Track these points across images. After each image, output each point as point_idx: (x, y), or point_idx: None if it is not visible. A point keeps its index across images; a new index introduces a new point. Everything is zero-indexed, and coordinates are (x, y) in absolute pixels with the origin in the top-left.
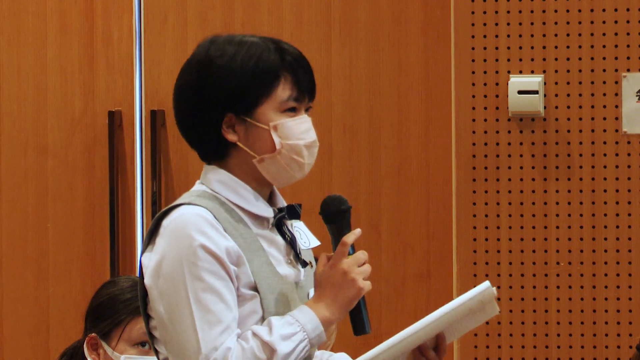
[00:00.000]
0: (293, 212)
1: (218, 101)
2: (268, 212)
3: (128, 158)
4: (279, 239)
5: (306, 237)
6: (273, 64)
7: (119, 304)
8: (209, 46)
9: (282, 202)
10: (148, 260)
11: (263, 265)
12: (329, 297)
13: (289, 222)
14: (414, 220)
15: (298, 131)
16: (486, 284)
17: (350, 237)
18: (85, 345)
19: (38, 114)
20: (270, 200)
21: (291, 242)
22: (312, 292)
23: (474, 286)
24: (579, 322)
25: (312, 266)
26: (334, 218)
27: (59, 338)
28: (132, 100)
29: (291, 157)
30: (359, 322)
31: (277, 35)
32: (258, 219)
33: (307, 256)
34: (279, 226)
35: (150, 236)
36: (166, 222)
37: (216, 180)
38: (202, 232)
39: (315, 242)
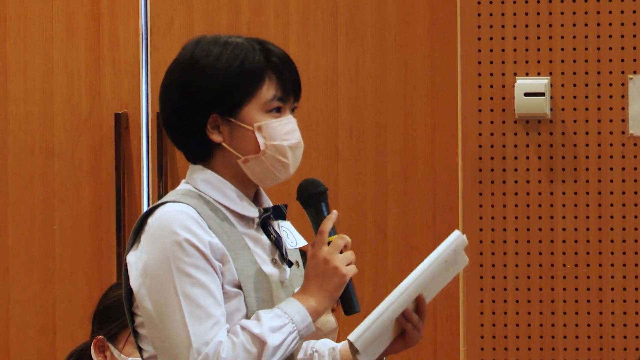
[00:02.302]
0: (279, 212)
1: (203, 102)
2: (253, 212)
3: (134, 160)
4: (264, 238)
5: (293, 237)
6: (258, 65)
7: None
8: (194, 46)
9: (268, 202)
10: (134, 259)
11: (248, 264)
12: (314, 287)
13: (275, 222)
14: (420, 222)
15: (282, 132)
16: (456, 232)
17: (327, 224)
18: (92, 347)
19: (44, 116)
20: (256, 200)
21: (276, 242)
22: None
23: (480, 289)
24: (585, 324)
25: (298, 266)
26: (312, 201)
27: (65, 340)
28: (138, 102)
29: (275, 158)
30: (347, 302)
31: (283, 37)
32: (243, 218)
33: (294, 256)
34: (265, 226)
35: (136, 235)
36: (151, 220)
37: (201, 179)
38: (186, 227)
39: (303, 242)
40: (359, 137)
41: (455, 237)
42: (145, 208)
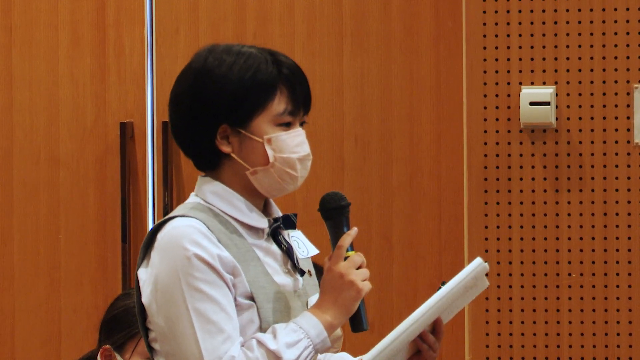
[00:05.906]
0: (289, 222)
1: (213, 112)
2: (262, 222)
3: (140, 169)
4: (275, 248)
5: (304, 246)
6: (270, 77)
7: (134, 316)
8: (207, 55)
9: (277, 212)
10: (144, 275)
11: (259, 275)
12: (329, 301)
13: (285, 232)
14: (426, 232)
15: (292, 144)
16: (478, 259)
17: (346, 240)
18: (98, 357)
19: (50, 125)
20: (265, 210)
21: (287, 252)
22: (312, 300)
23: (486, 298)
24: (590, 333)
25: (310, 274)
26: (332, 214)
27: (70, 349)
28: (143, 111)
29: (284, 170)
30: (356, 319)
31: (288, 46)
32: (253, 229)
33: (306, 265)
34: (275, 236)
35: (145, 250)
36: (160, 236)
37: (210, 192)
38: (194, 242)
39: (314, 251)
40: (364, 146)
41: (477, 265)
42: (150, 217)
